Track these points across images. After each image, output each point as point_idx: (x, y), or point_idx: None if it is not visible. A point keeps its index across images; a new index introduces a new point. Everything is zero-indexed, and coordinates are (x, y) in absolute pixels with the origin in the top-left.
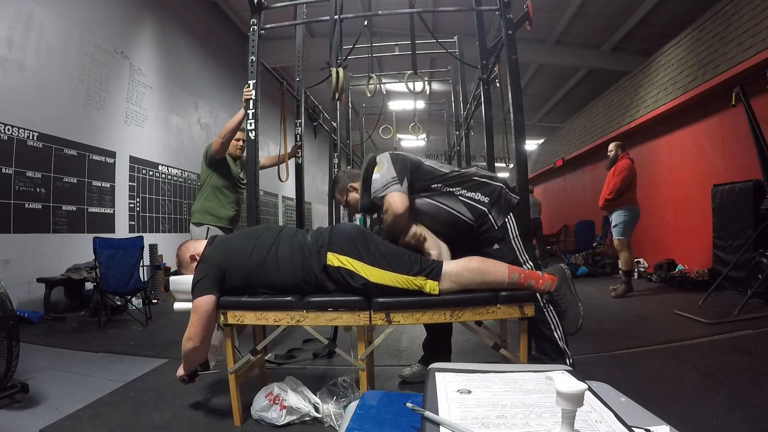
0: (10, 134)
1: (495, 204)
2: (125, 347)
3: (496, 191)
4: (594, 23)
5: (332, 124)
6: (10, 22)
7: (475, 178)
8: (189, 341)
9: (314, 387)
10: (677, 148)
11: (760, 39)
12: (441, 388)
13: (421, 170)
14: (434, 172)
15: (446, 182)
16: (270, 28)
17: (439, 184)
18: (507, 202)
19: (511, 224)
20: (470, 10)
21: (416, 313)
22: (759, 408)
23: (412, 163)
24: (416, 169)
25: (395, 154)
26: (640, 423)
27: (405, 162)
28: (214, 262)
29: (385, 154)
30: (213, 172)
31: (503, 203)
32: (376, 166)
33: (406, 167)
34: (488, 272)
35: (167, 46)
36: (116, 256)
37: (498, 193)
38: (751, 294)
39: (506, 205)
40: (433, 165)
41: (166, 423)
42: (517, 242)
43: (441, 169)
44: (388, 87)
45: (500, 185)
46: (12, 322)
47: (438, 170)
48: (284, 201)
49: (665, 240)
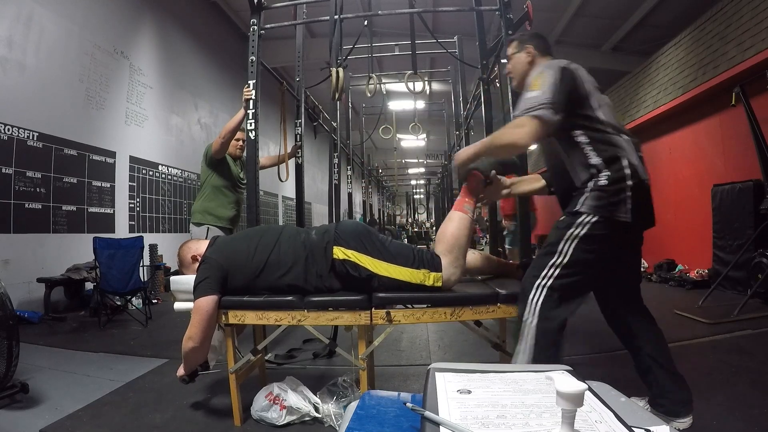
0: (10, 134)
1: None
2: (125, 347)
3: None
4: (594, 23)
5: (332, 124)
6: (10, 22)
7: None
8: (189, 341)
9: (314, 387)
10: (677, 148)
11: (760, 39)
12: (441, 388)
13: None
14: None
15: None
16: (270, 28)
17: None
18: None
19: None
20: (470, 10)
21: (417, 312)
22: (759, 408)
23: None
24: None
25: (569, 68)
26: (640, 423)
27: (575, 88)
28: (216, 264)
29: (554, 64)
30: (213, 172)
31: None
32: (535, 77)
33: (572, 94)
34: (459, 231)
35: (167, 46)
36: (116, 256)
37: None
38: (751, 294)
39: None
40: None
41: (166, 423)
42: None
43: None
44: (388, 87)
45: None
46: (12, 322)
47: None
48: (284, 201)
49: (665, 240)
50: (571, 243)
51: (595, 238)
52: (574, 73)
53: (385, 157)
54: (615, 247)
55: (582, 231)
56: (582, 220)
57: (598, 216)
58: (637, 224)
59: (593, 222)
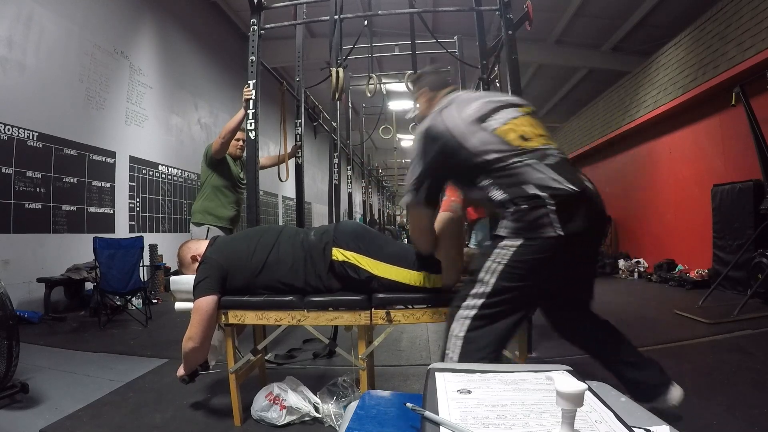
0: (10, 134)
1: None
2: (125, 347)
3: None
4: (594, 23)
5: (332, 124)
6: (10, 22)
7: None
8: (189, 341)
9: (314, 387)
10: (677, 148)
11: (760, 39)
12: (441, 388)
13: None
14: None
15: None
16: (270, 28)
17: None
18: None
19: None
20: (470, 10)
21: (417, 312)
22: (759, 408)
23: (444, 149)
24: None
25: (428, 132)
26: (640, 423)
27: (437, 150)
28: (216, 264)
29: (422, 128)
30: (213, 172)
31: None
32: (413, 146)
33: (435, 160)
34: (451, 232)
35: (167, 46)
36: (116, 256)
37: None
38: (751, 294)
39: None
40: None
41: (166, 423)
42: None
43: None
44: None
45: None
46: (12, 322)
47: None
48: (284, 201)
49: (665, 240)
50: (494, 271)
51: (522, 263)
52: (435, 133)
53: (385, 157)
54: (547, 267)
55: (505, 257)
56: (504, 244)
57: (521, 239)
58: (575, 236)
59: (518, 246)
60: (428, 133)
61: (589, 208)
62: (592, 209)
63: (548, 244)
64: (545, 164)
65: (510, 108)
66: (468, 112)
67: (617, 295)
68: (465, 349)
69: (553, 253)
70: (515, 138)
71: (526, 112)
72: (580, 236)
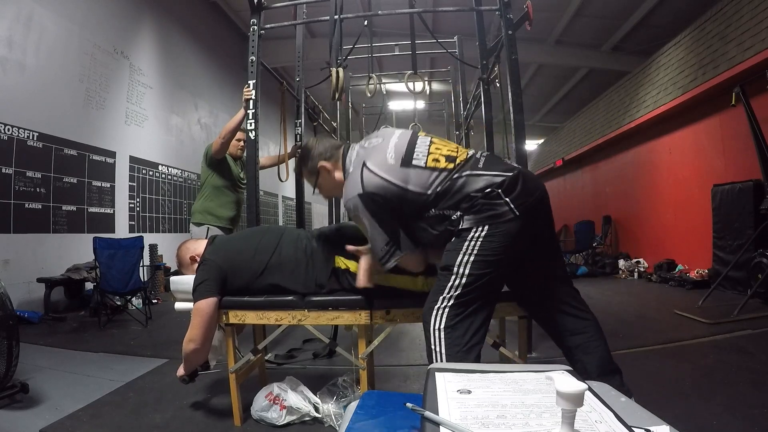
0: (10, 134)
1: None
2: (125, 347)
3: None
4: (594, 23)
5: (332, 124)
6: (10, 22)
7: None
8: (190, 343)
9: (314, 387)
10: (677, 148)
11: (760, 39)
12: (441, 388)
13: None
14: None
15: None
16: (270, 28)
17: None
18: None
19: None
20: (470, 10)
21: (417, 312)
22: (759, 408)
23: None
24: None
25: (366, 196)
26: (640, 423)
27: (384, 204)
28: (215, 265)
29: (354, 197)
30: (213, 173)
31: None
32: (356, 219)
33: (388, 212)
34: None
35: (167, 46)
36: (116, 256)
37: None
38: (751, 294)
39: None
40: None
41: (166, 423)
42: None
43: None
44: (388, 87)
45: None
46: (12, 322)
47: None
48: (284, 201)
49: (665, 240)
50: (467, 262)
51: (492, 249)
52: (373, 192)
53: None
54: (514, 246)
55: (476, 247)
56: (472, 235)
57: (486, 226)
58: (528, 212)
59: (485, 234)
60: (370, 195)
61: (527, 185)
62: (530, 186)
63: (511, 225)
64: (479, 168)
65: (418, 138)
66: (389, 161)
67: (617, 295)
68: (449, 339)
69: (517, 233)
70: (444, 162)
71: (429, 136)
72: (533, 211)
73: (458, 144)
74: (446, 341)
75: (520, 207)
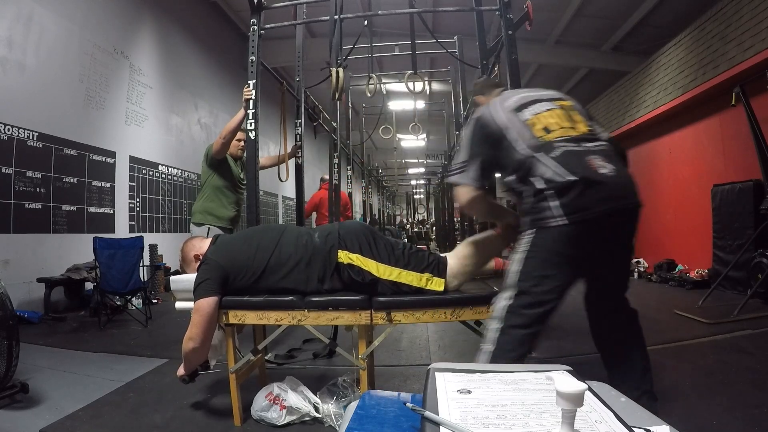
0: (10, 134)
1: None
2: (125, 347)
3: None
4: (594, 23)
5: (332, 124)
6: (10, 22)
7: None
8: (190, 341)
9: (314, 387)
10: (677, 148)
11: (760, 39)
12: (441, 388)
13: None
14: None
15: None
16: (270, 28)
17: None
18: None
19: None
20: (470, 10)
21: (417, 312)
22: (759, 408)
23: (492, 135)
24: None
25: (477, 120)
26: (640, 423)
27: (484, 136)
28: (216, 265)
29: (472, 119)
30: (214, 173)
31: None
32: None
33: (482, 144)
34: (483, 250)
35: (167, 46)
36: (116, 256)
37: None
38: (751, 294)
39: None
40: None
41: (166, 423)
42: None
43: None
44: (388, 87)
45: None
46: (12, 322)
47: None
48: (284, 201)
49: (665, 240)
50: (519, 260)
51: (537, 251)
52: (483, 120)
53: (385, 157)
54: (564, 255)
55: (525, 249)
56: (523, 236)
57: (534, 230)
58: (585, 223)
59: (532, 238)
60: (477, 121)
61: (600, 194)
62: (605, 195)
63: (558, 232)
64: (551, 157)
65: (545, 102)
66: (508, 103)
67: None
68: (500, 341)
69: (567, 241)
70: (539, 130)
71: (561, 106)
72: (593, 223)
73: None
74: (496, 344)
75: (572, 217)
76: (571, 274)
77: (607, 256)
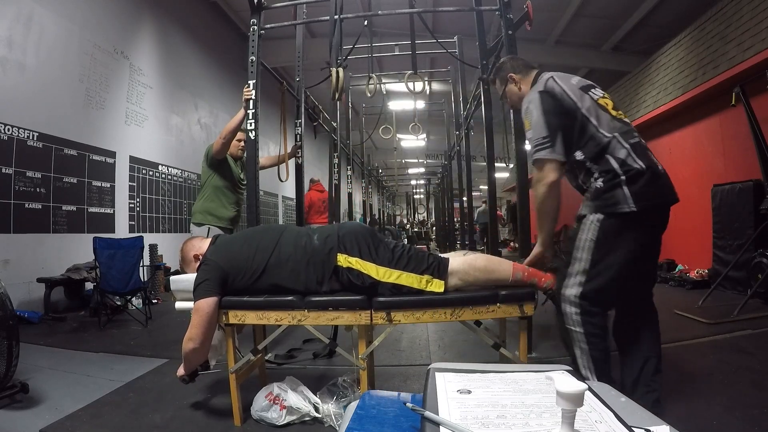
0: (10, 134)
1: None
2: (125, 347)
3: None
4: (594, 23)
5: (332, 124)
6: (10, 22)
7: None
8: (190, 342)
9: (314, 387)
10: (677, 148)
11: (760, 39)
12: (441, 388)
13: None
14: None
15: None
16: (270, 28)
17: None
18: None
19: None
20: (470, 10)
21: (417, 312)
22: (759, 408)
23: (568, 108)
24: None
25: (545, 93)
26: (640, 423)
27: (558, 107)
28: (216, 266)
29: (533, 93)
30: (214, 173)
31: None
32: (526, 114)
33: (559, 115)
34: (494, 270)
35: (167, 46)
36: (116, 256)
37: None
38: (751, 294)
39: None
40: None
41: (166, 423)
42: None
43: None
44: (388, 87)
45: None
46: (12, 322)
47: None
48: (284, 201)
49: (665, 240)
50: (585, 247)
51: (607, 235)
52: (553, 92)
53: (385, 157)
54: (630, 238)
55: (592, 233)
56: (588, 222)
57: (602, 214)
58: (647, 210)
59: (600, 221)
60: (548, 94)
61: (658, 186)
62: (660, 188)
63: (628, 219)
64: (629, 142)
65: (597, 88)
66: (573, 81)
67: None
68: (590, 342)
69: (633, 227)
70: (612, 109)
71: (605, 95)
72: (652, 213)
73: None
74: (582, 324)
75: (639, 204)
76: (633, 261)
77: (652, 246)
